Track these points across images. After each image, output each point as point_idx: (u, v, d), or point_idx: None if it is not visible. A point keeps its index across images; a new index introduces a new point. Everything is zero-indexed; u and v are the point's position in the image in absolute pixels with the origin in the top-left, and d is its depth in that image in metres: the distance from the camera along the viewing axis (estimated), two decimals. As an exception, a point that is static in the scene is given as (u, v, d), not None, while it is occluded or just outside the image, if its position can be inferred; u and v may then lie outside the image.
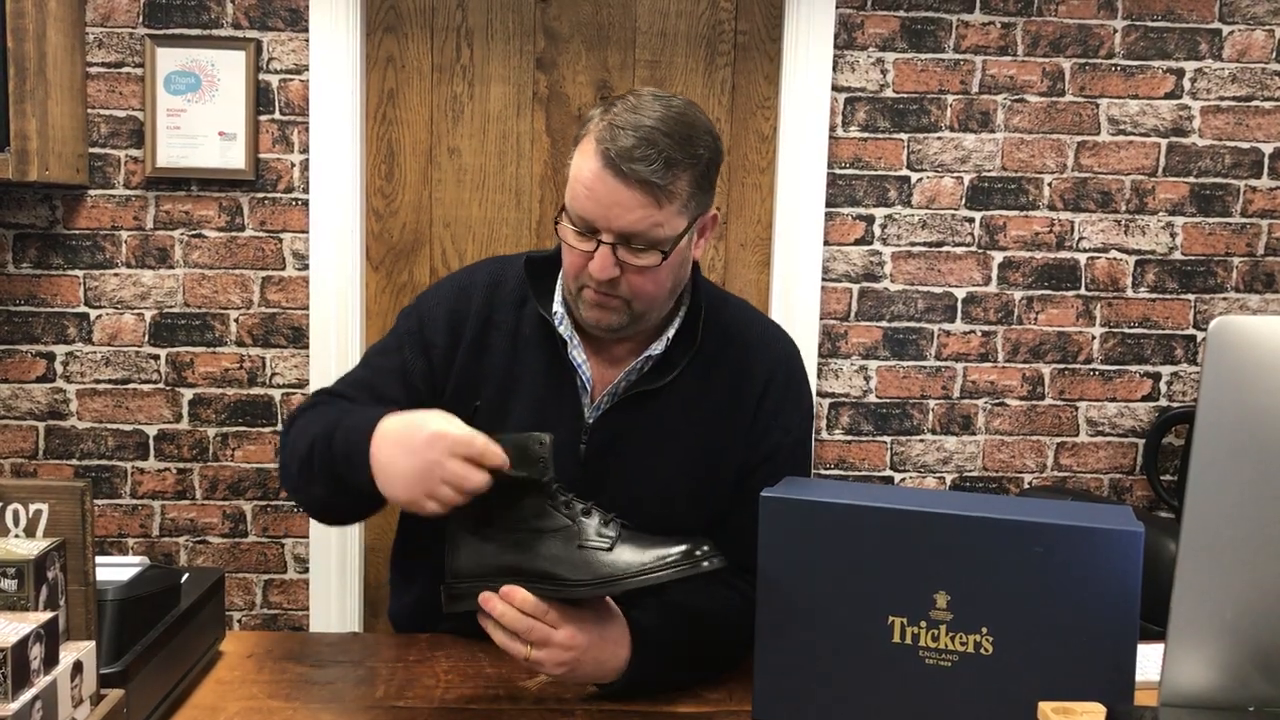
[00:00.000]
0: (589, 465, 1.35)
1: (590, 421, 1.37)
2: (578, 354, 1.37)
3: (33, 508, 1.01)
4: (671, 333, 1.37)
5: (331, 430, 1.26)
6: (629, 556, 1.13)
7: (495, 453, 1.11)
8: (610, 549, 1.13)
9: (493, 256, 1.53)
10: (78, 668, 0.97)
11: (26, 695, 0.88)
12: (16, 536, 1.01)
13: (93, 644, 1.00)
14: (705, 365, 1.39)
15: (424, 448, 1.12)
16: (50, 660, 0.93)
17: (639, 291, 1.29)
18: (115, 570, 1.18)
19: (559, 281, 1.40)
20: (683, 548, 1.14)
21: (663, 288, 1.31)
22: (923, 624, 1.12)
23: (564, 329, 1.38)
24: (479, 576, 1.16)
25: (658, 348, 1.36)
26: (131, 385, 2.55)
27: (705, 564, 1.14)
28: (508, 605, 1.14)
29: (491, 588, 1.14)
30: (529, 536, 1.15)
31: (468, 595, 1.16)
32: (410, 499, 1.14)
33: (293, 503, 2.59)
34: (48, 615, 0.93)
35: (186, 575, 1.32)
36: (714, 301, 1.43)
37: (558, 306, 1.39)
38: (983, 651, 1.10)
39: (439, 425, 1.13)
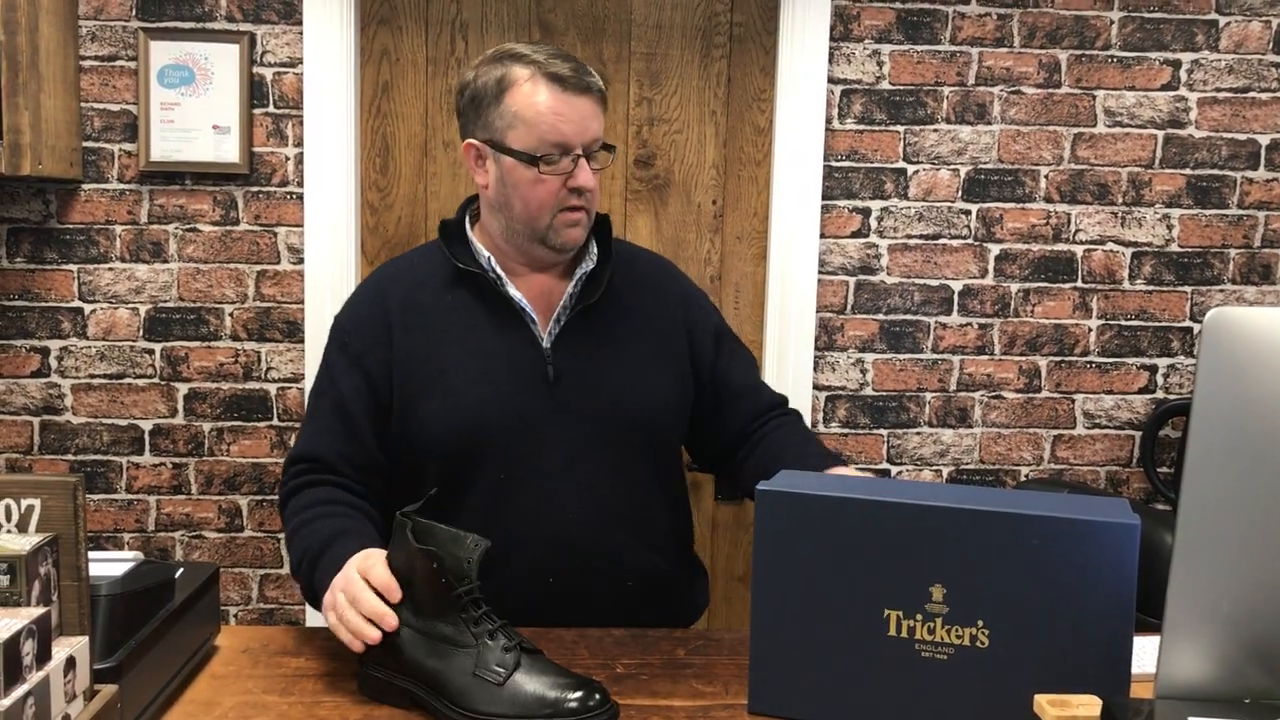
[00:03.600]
0: (558, 386, 1.45)
1: (548, 345, 1.47)
2: (514, 290, 1.48)
3: (25, 503, 1.01)
4: (595, 249, 1.52)
5: (316, 558, 1.36)
6: (517, 697, 1.12)
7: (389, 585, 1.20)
8: (502, 684, 1.13)
9: (389, 260, 1.65)
10: (71, 663, 0.96)
11: (19, 691, 0.87)
12: (9, 532, 1.00)
13: (86, 639, 1.00)
14: (625, 271, 1.54)
15: (341, 597, 1.24)
16: (43, 656, 0.92)
17: (597, 193, 1.47)
18: (109, 565, 1.18)
19: (473, 240, 1.51)
20: (577, 695, 1.11)
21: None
22: (919, 617, 1.11)
23: (498, 269, 1.48)
24: (395, 670, 1.21)
25: (588, 265, 1.51)
26: (126, 380, 2.54)
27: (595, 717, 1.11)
28: None
29: (403, 685, 1.20)
30: (441, 645, 1.18)
31: (386, 688, 1.21)
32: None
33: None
34: (40, 610, 0.93)
35: (181, 570, 1.31)
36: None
37: (484, 254, 1.49)
38: (979, 644, 1.10)
39: (348, 578, 1.24)
